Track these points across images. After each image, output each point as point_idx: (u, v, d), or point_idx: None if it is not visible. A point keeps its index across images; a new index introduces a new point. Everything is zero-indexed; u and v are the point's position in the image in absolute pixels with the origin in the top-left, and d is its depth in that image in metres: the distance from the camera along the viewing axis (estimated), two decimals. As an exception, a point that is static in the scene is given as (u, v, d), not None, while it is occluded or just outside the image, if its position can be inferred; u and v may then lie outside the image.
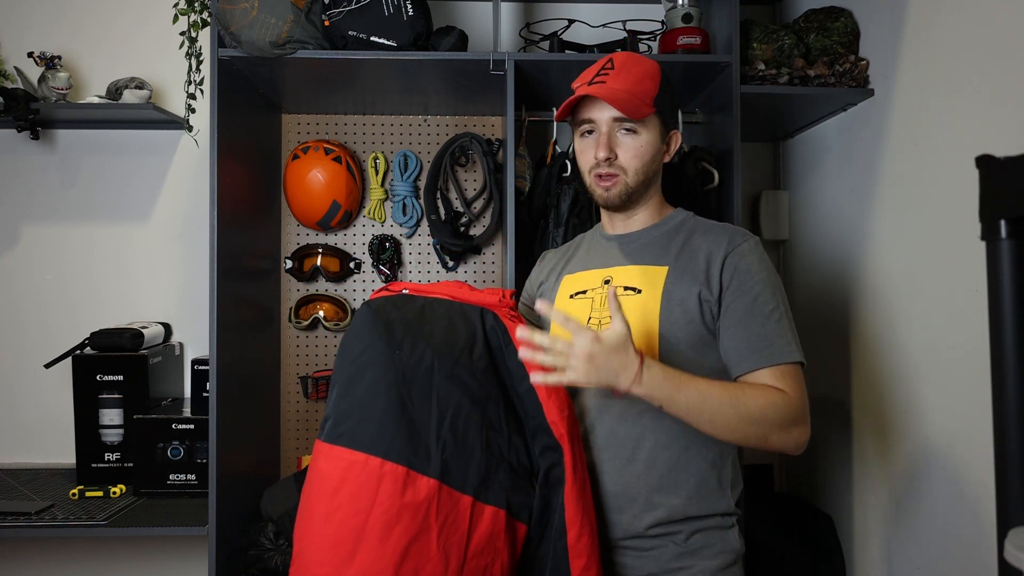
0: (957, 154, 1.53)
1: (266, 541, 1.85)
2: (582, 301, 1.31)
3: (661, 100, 1.28)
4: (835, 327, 2.04)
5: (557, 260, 1.46)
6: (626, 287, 1.27)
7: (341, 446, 1.12)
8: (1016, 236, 0.66)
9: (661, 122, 1.29)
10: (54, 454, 2.26)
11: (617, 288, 1.27)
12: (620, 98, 1.23)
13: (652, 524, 1.20)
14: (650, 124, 1.27)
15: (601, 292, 1.29)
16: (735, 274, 1.22)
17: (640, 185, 1.29)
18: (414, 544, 1.08)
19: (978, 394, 1.45)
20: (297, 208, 2.21)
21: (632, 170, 1.27)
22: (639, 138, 1.27)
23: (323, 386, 2.26)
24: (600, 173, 1.28)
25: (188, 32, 2.00)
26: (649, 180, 1.30)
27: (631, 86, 1.25)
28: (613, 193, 1.28)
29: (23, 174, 2.31)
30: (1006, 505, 0.67)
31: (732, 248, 1.24)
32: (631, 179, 1.28)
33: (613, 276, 1.30)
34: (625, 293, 1.26)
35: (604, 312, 1.27)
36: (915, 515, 1.67)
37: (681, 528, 1.21)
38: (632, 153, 1.27)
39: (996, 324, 0.68)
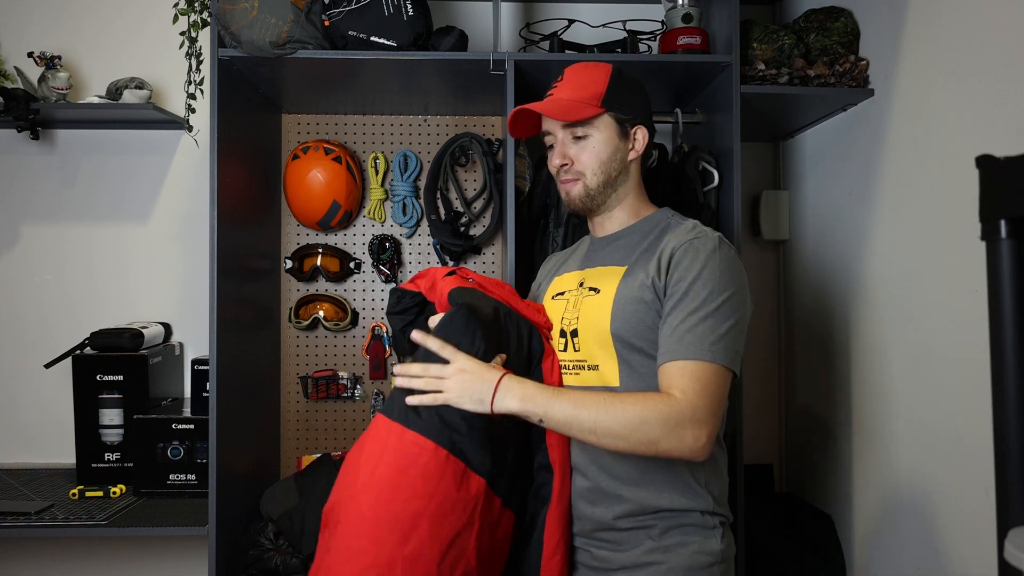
0: (957, 154, 1.53)
1: (266, 541, 1.85)
2: (559, 302, 1.35)
3: (613, 98, 1.30)
4: (834, 327, 2.04)
5: (555, 262, 1.50)
6: (590, 287, 1.31)
7: (415, 431, 1.14)
8: (1016, 236, 0.66)
9: (615, 119, 1.31)
10: (54, 454, 2.26)
11: (584, 289, 1.31)
12: (560, 106, 1.29)
13: (622, 515, 1.21)
14: (600, 124, 1.30)
15: (575, 293, 1.33)
16: (676, 268, 1.20)
17: (601, 184, 1.31)
18: (459, 537, 1.12)
19: (978, 394, 1.45)
20: (297, 208, 2.21)
21: (589, 171, 1.31)
22: (590, 140, 1.30)
23: (323, 386, 2.26)
24: (563, 179, 1.34)
25: (188, 32, 2.00)
26: (612, 179, 1.32)
27: (573, 92, 1.30)
28: (574, 194, 1.33)
29: (23, 174, 2.31)
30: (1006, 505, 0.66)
31: (679, 245, 1.23)
32: (590, 180, 1.31)
33: (586, 278, 1.34)
34: (588, 294, 1.30)
35: (574, 313, 1.30)
36: (915, 515, 1.67)
37: (655, 522, 1.21)
38: (586, 155, 1.30)
39: (996, 324, 0.68)
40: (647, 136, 1.35)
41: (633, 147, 1.34)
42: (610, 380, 1.24)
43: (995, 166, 0.68)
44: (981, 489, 1.44)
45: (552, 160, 1.34)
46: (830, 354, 2.06)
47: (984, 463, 1.44)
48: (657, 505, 1.21)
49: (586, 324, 1.28)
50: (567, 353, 1.31)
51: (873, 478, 1.86)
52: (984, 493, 1.44)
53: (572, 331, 1.30)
